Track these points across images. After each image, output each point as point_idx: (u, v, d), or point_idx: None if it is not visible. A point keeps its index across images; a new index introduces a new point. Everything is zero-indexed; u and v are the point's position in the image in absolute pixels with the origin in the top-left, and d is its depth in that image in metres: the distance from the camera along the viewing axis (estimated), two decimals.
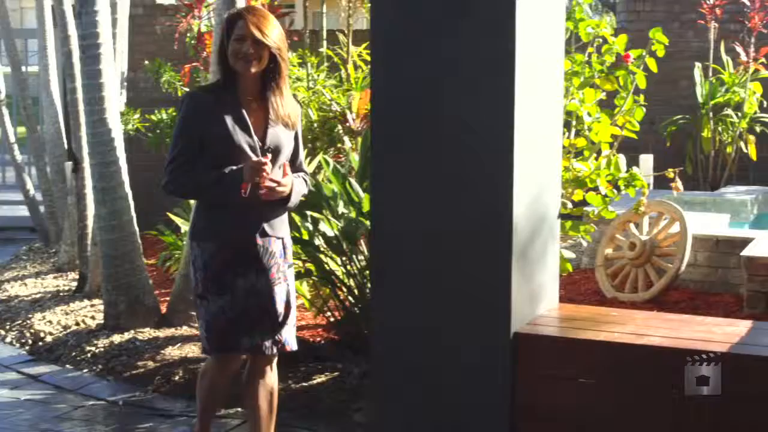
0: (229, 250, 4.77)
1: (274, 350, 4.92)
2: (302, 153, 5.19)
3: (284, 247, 4.98)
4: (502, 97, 4.92)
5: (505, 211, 4.97)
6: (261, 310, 4.83)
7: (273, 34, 4.73)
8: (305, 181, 5.13)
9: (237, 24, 4.73)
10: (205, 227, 4.84)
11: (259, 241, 4.82)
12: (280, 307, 4.89)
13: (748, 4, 12.93)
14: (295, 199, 4.99)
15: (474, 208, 5.03)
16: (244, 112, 4.77)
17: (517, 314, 5.11)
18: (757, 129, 13.28)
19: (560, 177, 5.83)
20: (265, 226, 4.85)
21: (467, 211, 5.03)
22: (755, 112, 13.05)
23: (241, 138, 4.72)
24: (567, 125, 6.86)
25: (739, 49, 12.86)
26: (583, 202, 6.96)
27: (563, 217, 6.56)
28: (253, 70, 4.73)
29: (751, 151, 13.08)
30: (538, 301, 5.51)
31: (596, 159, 6.93)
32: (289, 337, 4.97)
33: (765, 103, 13.17)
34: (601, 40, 7.12)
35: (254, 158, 4.68)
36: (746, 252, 7.74)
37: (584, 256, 9.51)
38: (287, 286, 4.96)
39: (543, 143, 5.44)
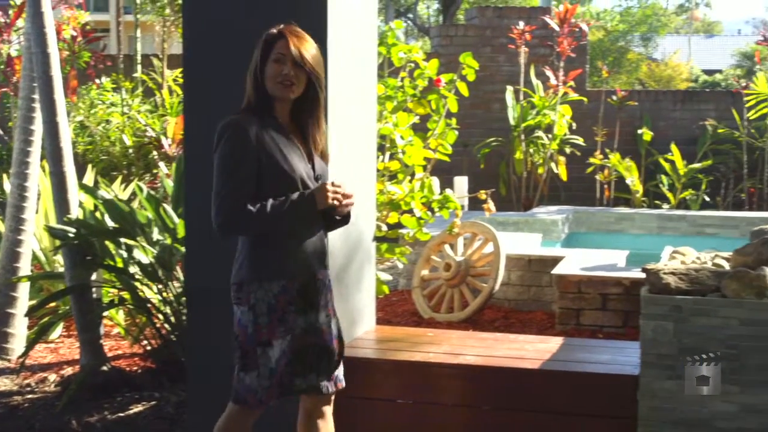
0: (293, 288, 4.28)
1: (331, 389, 4.47)
2: None
3: (330, 280, 4.56)
4: None
5: None
6: (320, 350, 4.37)
7: (313, 57, 4.30)
8: None
9: (276, 44, 4.27)
10: (269, 264, 4.29)
11: (320, 275, 4.39)
12: (335, 344, 4.47)
13: (556, 29, 13.30)
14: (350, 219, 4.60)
15: None
16: (295, 140, 4.32)
17: None
18: (567, 150, 13.68)
19: (375, 200, 5.89)
20: (324, 258, 4.43)
21: None
22: (565, 134, 13.45)
23: (301, 168, 4.26)
24: (381, 149, 6.94)
25: (548, 72, 13.21)
26: (399, 225, 7.04)
27: (379, 239, 6.63)
28: (292, 95, 4.28)
29: (562, 172, 13.45)
30: (356, 324, 5.55)
31: (410, 182, 7.01)
32: (340, 373, 4.54)
33: (574, 125, 13.57)
34: (413, 64, 7.23)
35: (329, 185, 4.24)
36: (557, 270, 7.93)
37: (401, 277, 9.61)
38: (337, 320, 4.54)
39: (357, 167, 5.48)
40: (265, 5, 5.09)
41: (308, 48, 4.27)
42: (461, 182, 11.81)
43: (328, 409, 4.54)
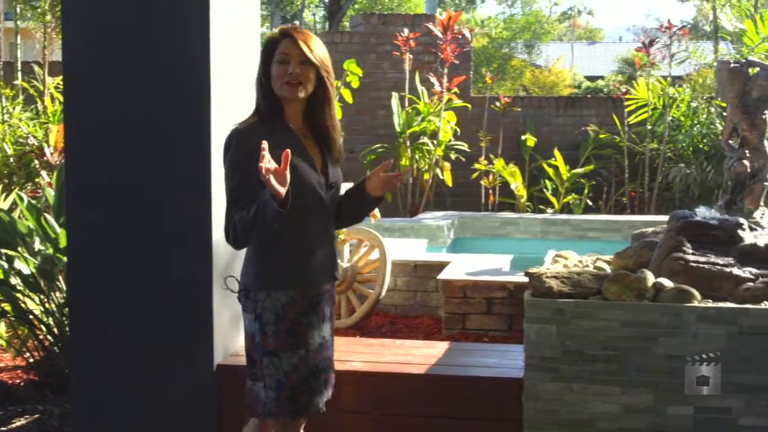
0: (304, 299, 4.11)
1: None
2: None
3: (335, 289, 4.40)
4: (198, 136, 4.92)
5: (204, 238, 4.96)
6: (329, 364, 4.29)
7: (319, 52, 4.12)
8: None
9: (280, 45, 4.09)
10: (276, 273, 4.11)
11: (328, 286, 4.25)
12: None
13: (440, 36, 13.38)
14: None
15: (173, 238, 5.00)
16: (306, 147, 4.15)
17: (220, 346, 5.10)
18: (452, 156, 13.77)
19: None
20: (333, 269, 4.27)
21: (166, 242, 4.99)
22: (450, 140, 13.54)
23: (311, 176, 4.11)
24: None
25: (433, 79, 13.29)
26: None
27: None
28: (301, 94, 4.09)
29: (447, 178, 13.54)
30: (242, 332, 5.51)
31: None
32: None
33: (459, 131, 13.67)
34: None
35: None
36: (443, 275, 7.97)
37: None
38: None
39: None
40: (145, 9, 5.04)
41: (314, 44, 4.13)
42: (347, 188, 11.81)
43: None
